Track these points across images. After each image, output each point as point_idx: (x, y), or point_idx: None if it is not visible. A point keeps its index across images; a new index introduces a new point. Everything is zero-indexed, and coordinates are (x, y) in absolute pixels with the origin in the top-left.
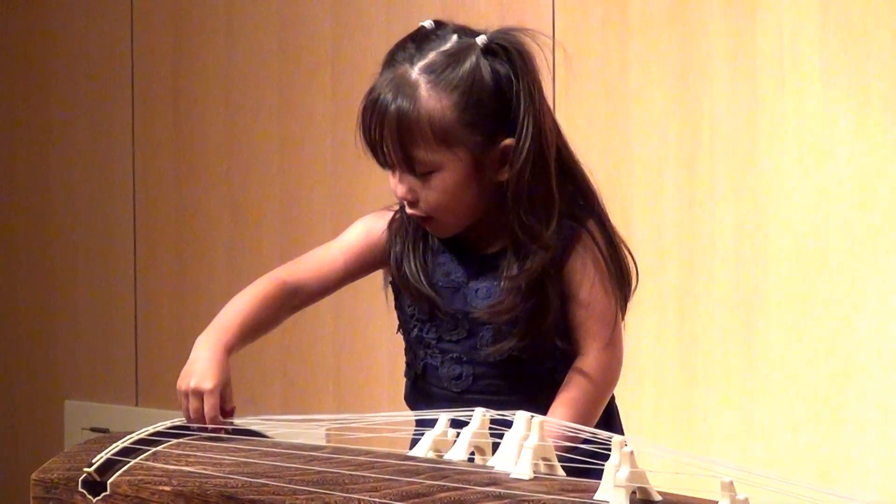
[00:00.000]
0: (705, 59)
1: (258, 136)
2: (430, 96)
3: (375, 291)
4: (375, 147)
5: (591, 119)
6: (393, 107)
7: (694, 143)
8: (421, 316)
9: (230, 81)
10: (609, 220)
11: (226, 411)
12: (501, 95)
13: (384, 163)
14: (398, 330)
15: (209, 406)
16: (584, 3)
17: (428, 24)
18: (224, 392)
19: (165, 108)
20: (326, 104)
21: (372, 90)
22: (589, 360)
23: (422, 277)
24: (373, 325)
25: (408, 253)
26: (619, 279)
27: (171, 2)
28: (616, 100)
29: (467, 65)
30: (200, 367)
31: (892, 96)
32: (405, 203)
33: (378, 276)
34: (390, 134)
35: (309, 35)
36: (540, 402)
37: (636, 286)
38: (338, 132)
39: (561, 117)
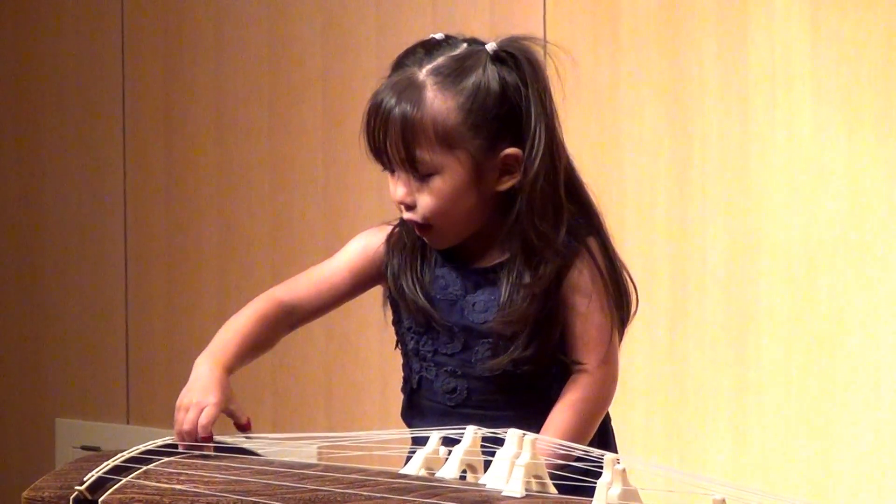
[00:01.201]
0: (696, 74)
1: (249, 154)
2: (435, 97)
3: (367, 309)
4: (379, 149)
5: (582, 134)
6: (397, 108)
7: (685, 159)
8: (418, 328)
9: (221, 100)
10: (611, 242)
11: (242, 425)
12: (507, 102)
13: (386, 164)
14: (396, 345)
15: (207, 415)
16: (574, 19)
17: (438, 35)
18: (232, 407)
19: (156, 126)
20: (317, 122)
21: (377, 92)
22: (584, 376)
23: (418, 290)
24: (364, 342)
25: (405, 266)
26: (618, 300)
27: (161, 21)
28: (607, 116)
29: (475, 70)
30: (202, 385)
31: (882, 113)
32: (403, 207)
33: (371, 294)
34: (394, 134)
35: (299, 54)
36: (534, 419)
37: (635, 311)
38: (329, 150)
39: None
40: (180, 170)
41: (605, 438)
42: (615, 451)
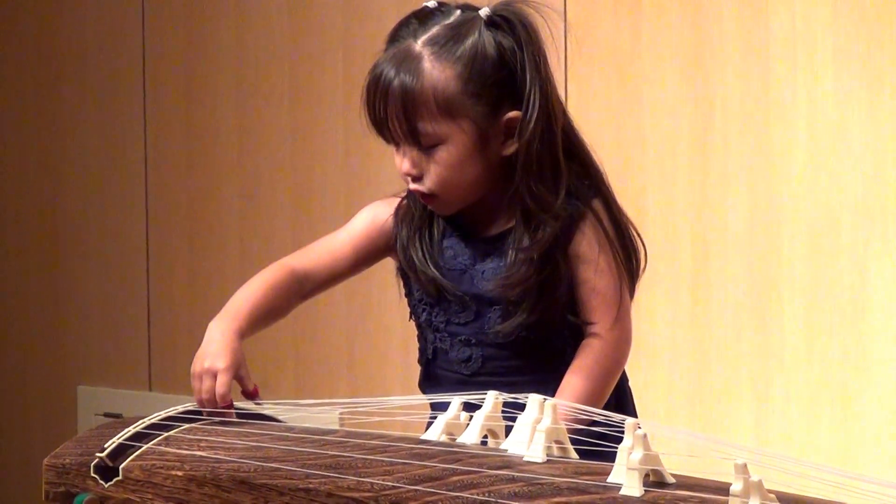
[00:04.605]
0: (717, 41)
1: (269, 123)
2: (433, 67)
3: (388, 276)
4: (381, 123)
5: (604, 102)
6: (397, 80)
7: (706, 126)
8: (429, 300)
9: (241, 68)
10: (615, 200)
11: (249, 392)
12: (505, 66)
13: (389, 138)
14: (410, 317)
15: (220, 383)
16: None
17: (431, 3)
18: (241, 373)
19: (177, 95)
20: (338, 90)
21: (375, 66)
22: (597, 337)
23: (428, 261)
24: (386, 309)
25: (414, 238)
26: (626, 258)
27: None
28: (628, 83)
29: (470, 36)
30: (213, 349)
31: None
32: (409, 179)
33: (391, 261)
34: (395, 107)
35: (319, 21)
36: (550, 384)
37: (645, 266)
38: (350, 118)
39: (573, 101)
40: (201, 139)
41: (622, 399)
42: (632, 412)
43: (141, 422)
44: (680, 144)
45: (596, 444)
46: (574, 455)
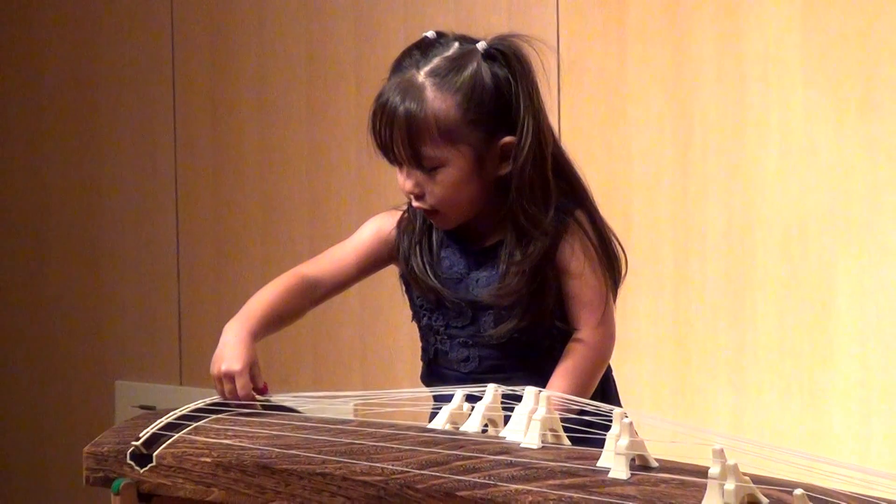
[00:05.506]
0: (696, 63)
1: (288, 139)
2: (435, 97)
3: (396, 281)
4: (386, 147)
5: (593, 119)
6: (401, 108)
7: (687, 140)
8: (429, 306)
9: (262, 90)
10: (598, 211)
11: (259, 389)
12: (500, 96)
13: (393, 160)
14: (412, 319)
15: (240, 386)
16: (585, 15)
17: (431, 34)
18: (253, 371)
19: (204, 114)
20: (350, 110)
21: (381, 94)
22: (584, 337)
23: (428, 270)
24: (395, 310)
25: (414, 248)
26: (608, 264)
27: (208, 17)
28: (615, 102)
29: (469, 68)
30: (228, 353)
31: (865, 97)
32: (412, 197)
33: (397, 268)
34: (399, 133)
35: (334, 49)
36: (540, 379)
37: (626, 271)
38: (361, 136)
39: (565, 118)
40: (226, 154)
41: (606, 389)
42: (616, 400)
43: (173, 413)
44: (662, 158)
45: (586, 432)
46: (566, 442)
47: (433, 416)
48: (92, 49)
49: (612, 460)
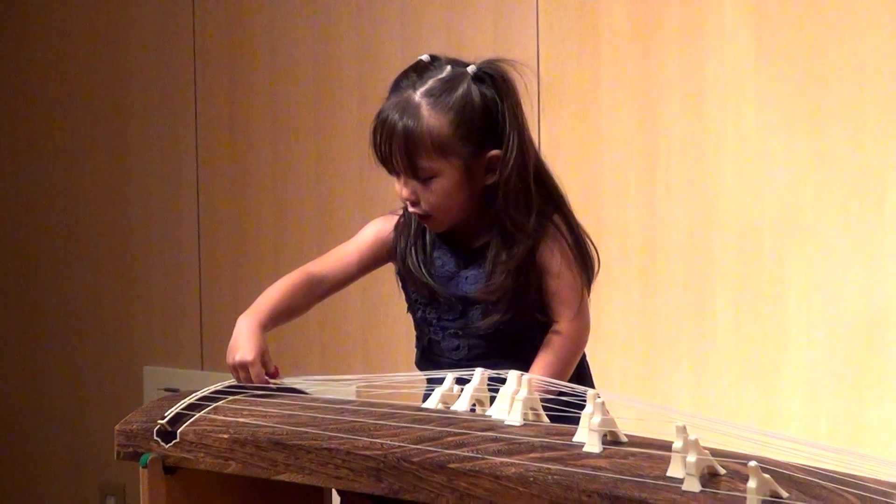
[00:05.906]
0: (662, 83)
1: (298, 151)
2: (430, 115)
3: (395, 277)
4: (386, 159)
5: (570, 133)
6: (400, 125)
7: (653, 151)
8: (423, 300)
9: (275, 107)
10: (573, 215)
11: (270, 373)
12: (488, 114)
13: (392, 171)
14: (408, 311)
15: (254, 374)
16: (563, 39)
17: (425, 57)
18: (265, 358)
19: (223, 128)
20: (353, 125)
21: (381, 112)
22: (561, 328)
23: (422, 269)
24: (393, 304)
25: (410, 249)
26: (583, 262)
27: (226, 43)
28: (590, 117)
29: (460, 89)
30: (241, 344)
31: (813, 112)
32: (408, 203)
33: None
34: (398, 147)
35: (339, 69)
36: (523, 364)
37: (598, 269)
38: (363, 148)
39: (545, 132)
40: (242, 164)
41: (581, 376)
42: (590, 382)
43: (195, 394)
44: (631, 168)
45: (563, 411)
46: (546, 420)
47: (426, 397)
48: (123, 74)
49: (587, 436)
